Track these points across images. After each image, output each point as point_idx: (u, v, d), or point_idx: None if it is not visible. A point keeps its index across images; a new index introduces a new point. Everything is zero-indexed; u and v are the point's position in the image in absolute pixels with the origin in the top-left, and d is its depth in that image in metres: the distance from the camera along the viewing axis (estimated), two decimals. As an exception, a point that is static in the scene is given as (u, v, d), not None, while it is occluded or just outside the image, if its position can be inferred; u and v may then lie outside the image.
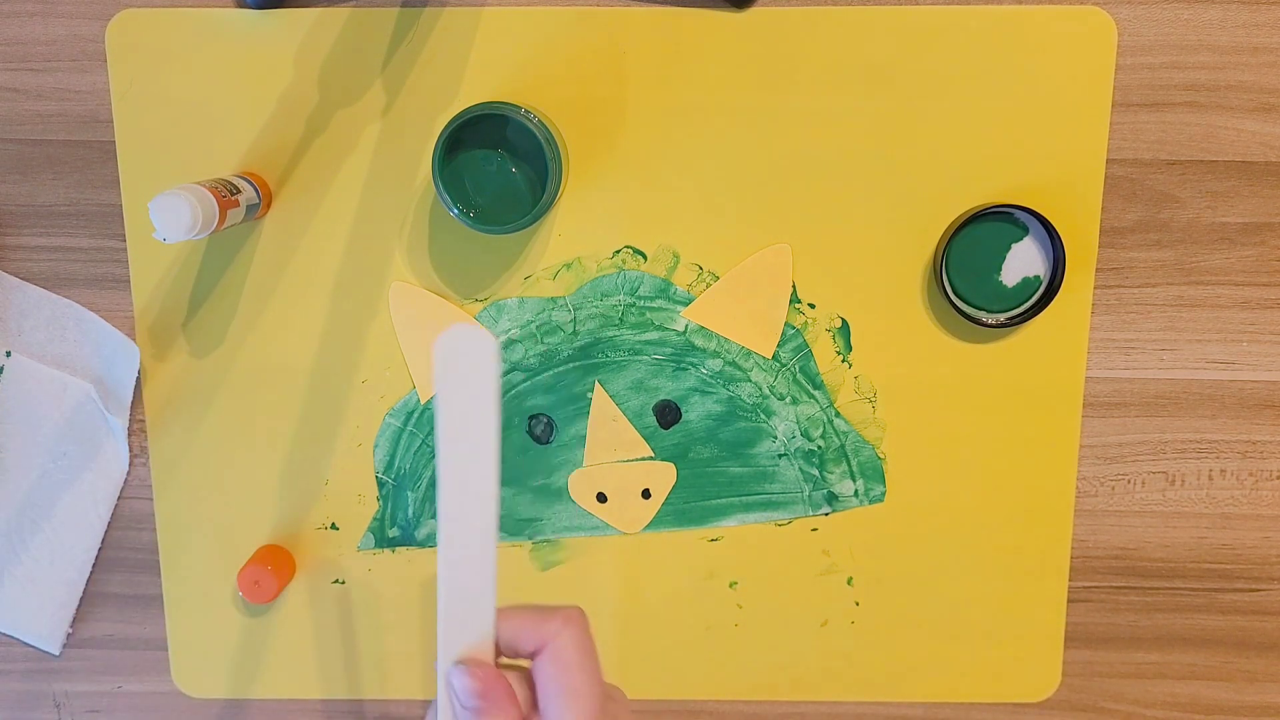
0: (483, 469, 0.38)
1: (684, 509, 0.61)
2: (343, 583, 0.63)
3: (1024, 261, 0.58)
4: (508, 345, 0.60)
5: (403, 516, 0.62)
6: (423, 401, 0.60)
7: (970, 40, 0.57)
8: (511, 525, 0.62)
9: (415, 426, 0.61)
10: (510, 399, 0.60)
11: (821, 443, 0.61)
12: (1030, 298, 0.58)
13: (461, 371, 0.38)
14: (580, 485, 0.61)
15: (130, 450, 0.61)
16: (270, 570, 0.59)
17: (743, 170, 0.58)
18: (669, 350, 0.60)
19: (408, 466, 0.61)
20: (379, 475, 0.61)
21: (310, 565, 0.62)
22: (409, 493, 0.61)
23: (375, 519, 0.62)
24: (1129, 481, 0.61)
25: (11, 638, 0.63)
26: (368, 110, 0.58)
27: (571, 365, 0.60)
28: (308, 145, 0.58)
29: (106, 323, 0.60)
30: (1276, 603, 0.63)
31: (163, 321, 0.60)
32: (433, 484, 0.61)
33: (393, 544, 0.62)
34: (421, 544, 0.62)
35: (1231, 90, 0.57)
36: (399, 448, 0.61)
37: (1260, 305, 0.60)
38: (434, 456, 0.56)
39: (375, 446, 0.61)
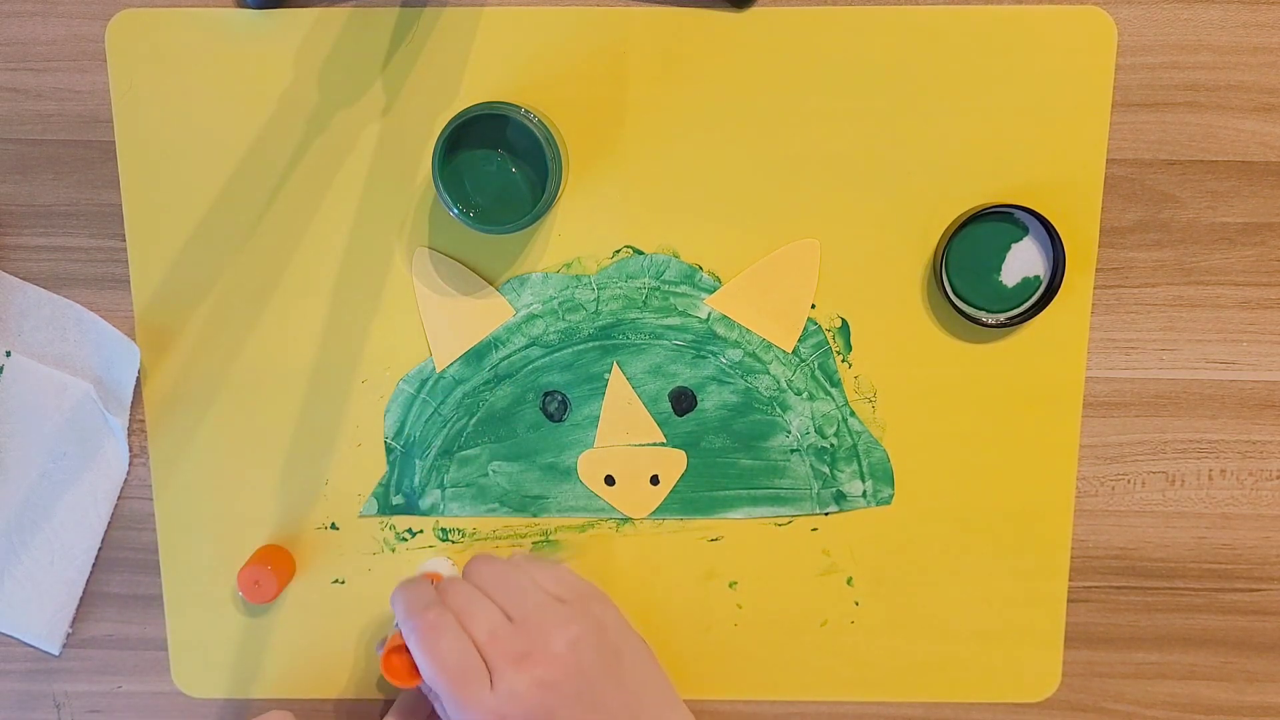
0: None
1: (691, 498, 0.62)
2: (343, 583, 0.63)
3: (1024, 261, 0.58)
4: (528, 320, 0.60)
5: (408, 484, 0.62)
6: (438, 370, 0.60)
7: (970, 40, 0.57)
8: (517, 501, 0.62)
9: (428, 395, 0.60)
10: (527, 374, 0.60)
11: (834, 440, 0.61)
12: (1030, 298, 0.58)
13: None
14: (589, 466, 0.61)
15: (130, 450, 0.61)
16: (270, 570, 0.59)
17: (743, 170, 0.58)
18: (690, 337, 0.60)
19: (417, 434, 0.61)
20: (388, 441, 0.61)
21: (310, 565, 0.62)
22: (416, 460, 0.61)
23: (381, 484, 0.62)
24: (1129, 481, 0.61)
25: (11, 638, 0.63)
26: (368, 110, 0.58)
27: (591, 344, 0.60)
28: (308, 145, 0.58)
29: (106, 323, 0.60)
30: (1276, 603, 0.63)
31: (163, 321, 0.60)
32: (441, 454, 0.61)
33: (395, 510, 0.62)
34: (425, 513, 0.62)
35: (1231, 90, 0.57)
36: (410, 415, 0.61)
37: (1260, 305, 0.60)
38: (444, 426, 0.61)
39: (386, 412, 0.61)
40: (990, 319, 0.58)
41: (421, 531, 0.62)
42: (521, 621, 0.49)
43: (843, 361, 0.60)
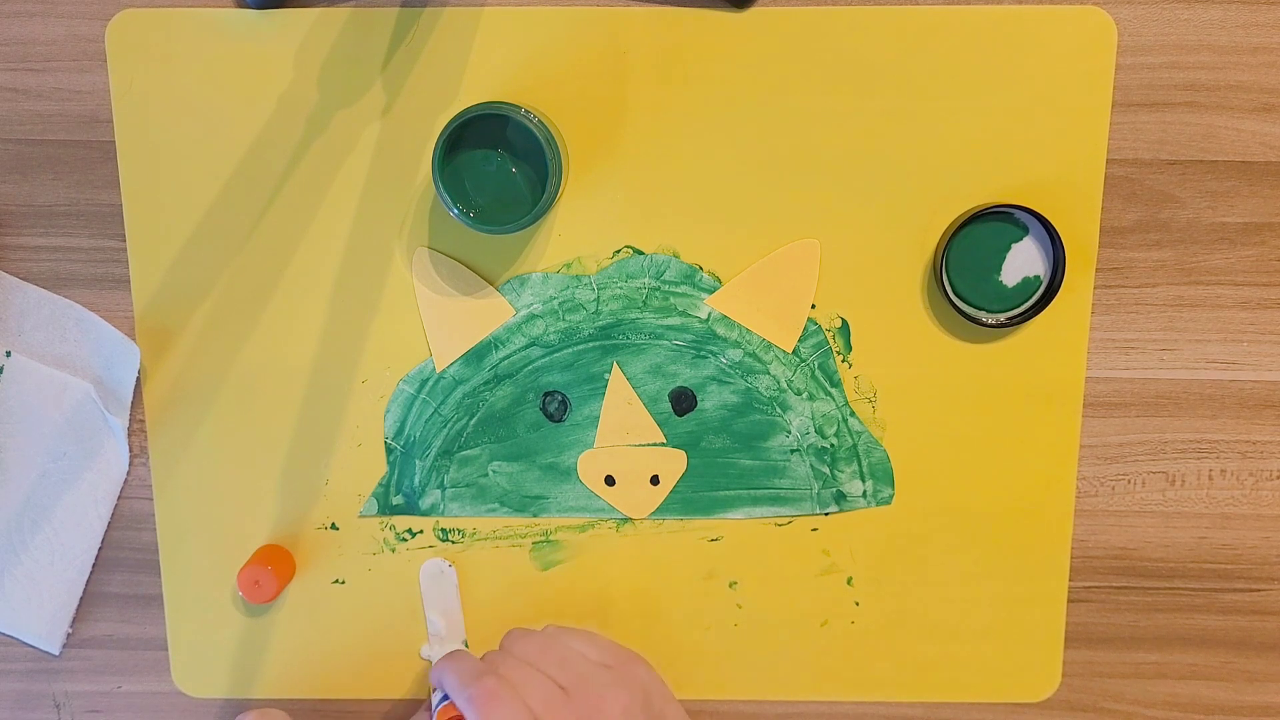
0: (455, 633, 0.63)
1: (692, 498, 0.62)
2: (343, 583, 0.63)
3: (1024, 261, 0.58)
4: (528, 320, 0.60)
5: (408, 484, 0.62)
6: (438, 370, 0.60)
7: (970, 40, 0.57)
8: (517, 501, 0.62)
9: (428, 395, 0.60)
10: (527, 374, 0.60)
11: (834, 441, 0.61)
12: (1030, 298, 0.58)
13: (438, 586, 0.62)
14: (590, 466, 0.61)
15: (130, 450, 0.61)
16: (270, 570, 0.59)
17: (742, 170, 0.58)
18: (690, 337, 0.60)
19: (417, 434, 0.61)
20: (388, 441, 0.61)
21: (310, 565, 0.62)
22: (416, 460, 0.61)
23: (381, 484, 0.62)
24: (1129, 481, 0.61)
25: (11, 638, 0.63)
26: (368, 110, 0.58)
27: (591, 345, 0.60)
28: (308, 145, 0.58)
29: (106, 323, 0.60)
30: (1276, 603, 0.63)
31: (163, 321, 0.60)
32: (441, 454, 0.61)
33: (395, 511, 0.62)
34: (425, 513, 0.62)
35: (1231, 90, 0.57)
36: (410, 415, 0.61)
37: (1260, 305, 0.60)
38: (444, 426, 0.61)
39: (386, 412, 0.61)
40: (990, 319, 0.58)
41: (421, 532, 0.62)
42: (574, 691, 0.50)
43: (843, 361, 0.60)
